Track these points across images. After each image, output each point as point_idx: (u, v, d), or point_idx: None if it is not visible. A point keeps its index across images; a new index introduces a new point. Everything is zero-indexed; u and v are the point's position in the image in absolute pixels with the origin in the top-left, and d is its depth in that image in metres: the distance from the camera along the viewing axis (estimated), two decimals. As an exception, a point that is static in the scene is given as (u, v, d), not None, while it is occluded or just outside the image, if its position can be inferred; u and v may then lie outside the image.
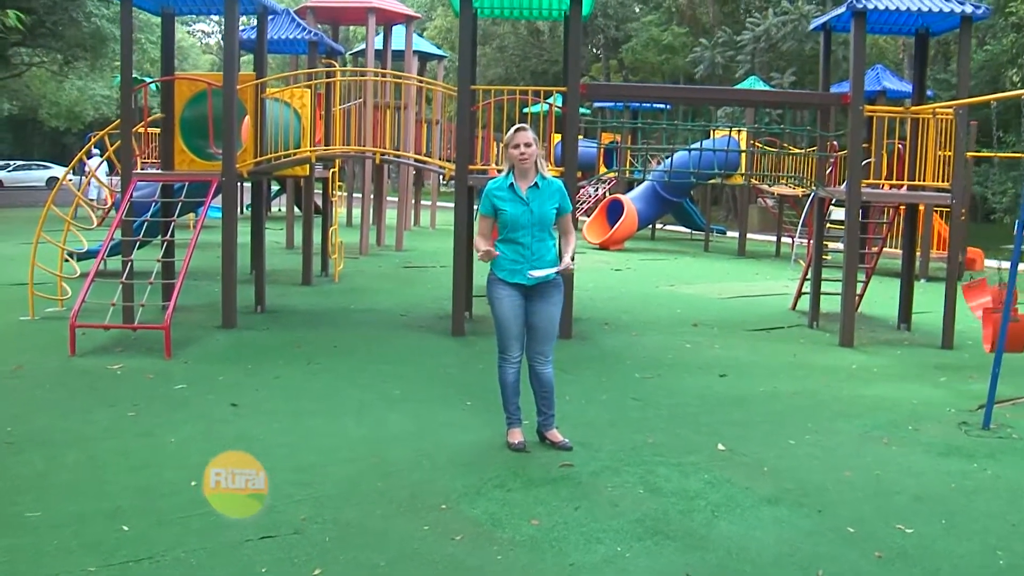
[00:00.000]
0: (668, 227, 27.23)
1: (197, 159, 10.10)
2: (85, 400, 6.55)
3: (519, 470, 5.24)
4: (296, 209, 18.43)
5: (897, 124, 9.84)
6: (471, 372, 7.81)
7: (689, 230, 25.21)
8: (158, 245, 9.78)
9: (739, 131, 19.01)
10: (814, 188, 10.76)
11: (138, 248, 9.85)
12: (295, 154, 10.09)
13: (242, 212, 27.86)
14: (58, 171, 37.20)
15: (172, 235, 9.97)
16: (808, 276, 11.39)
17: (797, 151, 17.32)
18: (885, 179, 10.37)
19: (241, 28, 14.14)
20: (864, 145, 10.86)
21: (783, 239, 21.71)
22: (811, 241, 11.86)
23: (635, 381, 7.68)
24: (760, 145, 18.99)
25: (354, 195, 26.28)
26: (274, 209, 28.29)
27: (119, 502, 4.60)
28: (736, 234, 23.78)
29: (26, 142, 50.89)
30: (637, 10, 35.04)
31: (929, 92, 21.08)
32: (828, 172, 10.70)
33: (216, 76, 9.64)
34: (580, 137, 9.92)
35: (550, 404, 5.70)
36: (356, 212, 23.18)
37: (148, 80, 10.39)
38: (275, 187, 26.32)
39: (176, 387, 6.94)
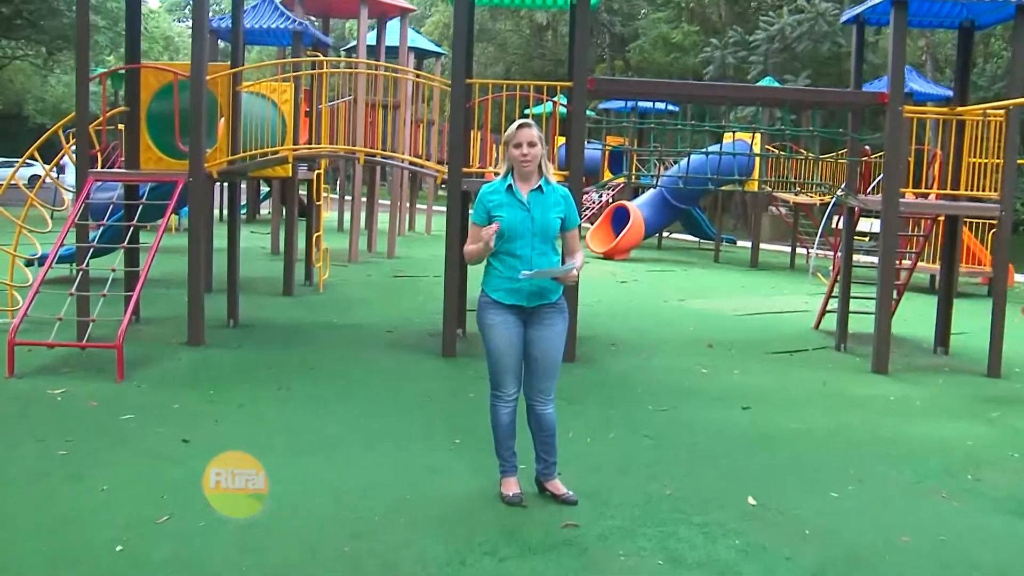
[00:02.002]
0: (674, 235, 26.47)
1: (165, 157, 9.36)
2: (12, 432, 5.77)
3: (514, 531, 4.47)
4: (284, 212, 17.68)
5: (940, 127, 9.10)
6: (461, 401, 7.05)
7: (697, 239, 24.51)
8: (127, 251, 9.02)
9: (753, 135, 18.30)
10: (838, 196, 10.03)
11: (97, 256, 9.11)
12: (272, 153, 9.32)
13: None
14: (41, 169, 36.42)
15: (137, 241, 9.23)
16: (834, 293, 10.64)
17: (811, 156, 16.59)
18: (916, 188, 9.68)
19: (220, 16, 13.45)
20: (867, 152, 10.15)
21: (798, 250, 20.98)
22: (836, 254, 11.12)
23: (647, 414, 6.91)
24: (773, 150, 18.25)
25: (346, 198, 25.56)
26: (264, 212, 27.59)
27: (20, 574, 3.83)
28: (747, 244, 23.06)
29: (11, 139, 50.12)
30: (644, 11, 34.30)
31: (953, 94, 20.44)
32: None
33: (187, 66, 8.87)
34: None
35: (551, 450, 4.93)
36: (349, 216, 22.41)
37: (107, 70, 9.60)
38: (265, 189, 25.61)
39: (122, 417, 6.16)
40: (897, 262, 9.73)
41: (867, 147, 9.91)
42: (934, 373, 8.84)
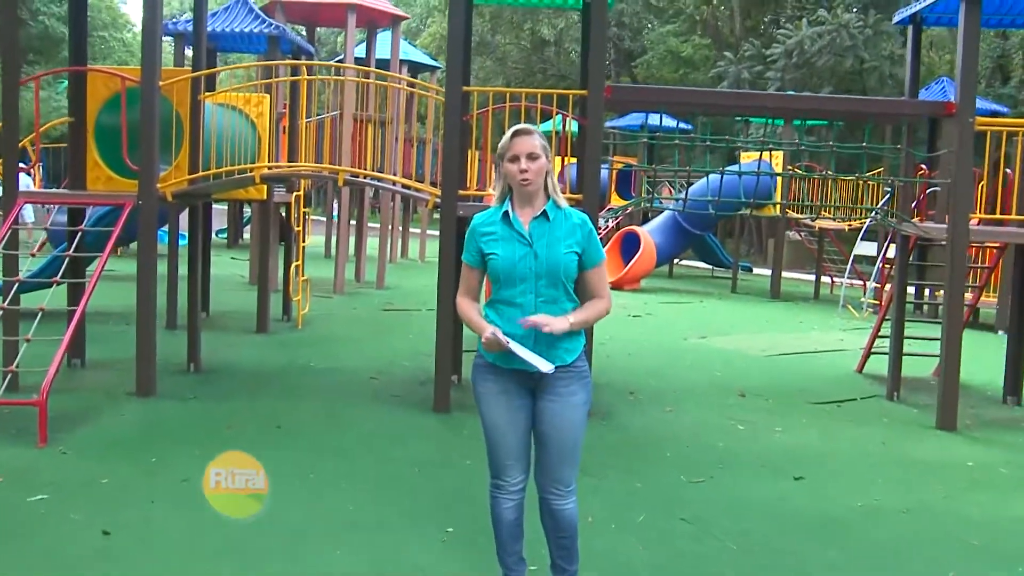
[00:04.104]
0: (684, 262, 25.47)
1: (116, 176, 8.38)
2: None
3: (524, 676, 3.43)
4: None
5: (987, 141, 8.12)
6: (455, 472, 5.99)
7: (711, 267, 23.53)
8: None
9: (773, 153, 17.34)
10: (885, 221, 9.08)
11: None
12: (237, 172, 8.32)
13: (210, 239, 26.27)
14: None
15: (81, 275, 8.22)
16: (881, 331, 9.64)
17: (831, 176, 15.63)
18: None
19: (188, 18, 12.49)
20: (922, 171, 9.23)
21: (823, 278, 19.99)
22: (884, 286, 10.14)
23: (681, 488, 5.86)
24: (796, 171, 17.29)
25: (334, 220, 24.62)
26: (247, 237, 26.64)
27: None
28: (765, 271, 22.09)
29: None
30: (651, 24, 33.50)
31: (1004, 108, 19.56)
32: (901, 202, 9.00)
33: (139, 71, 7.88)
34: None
35: (571, 556, 3.88)
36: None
37: (40, 73, 8.60)
38: (248, 212, 24.66)
39: (31, 498, 5.09)
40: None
41: (923, 165, 8.90)
42: (1012, 429, 7.80)
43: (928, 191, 9.31)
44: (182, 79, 7.96)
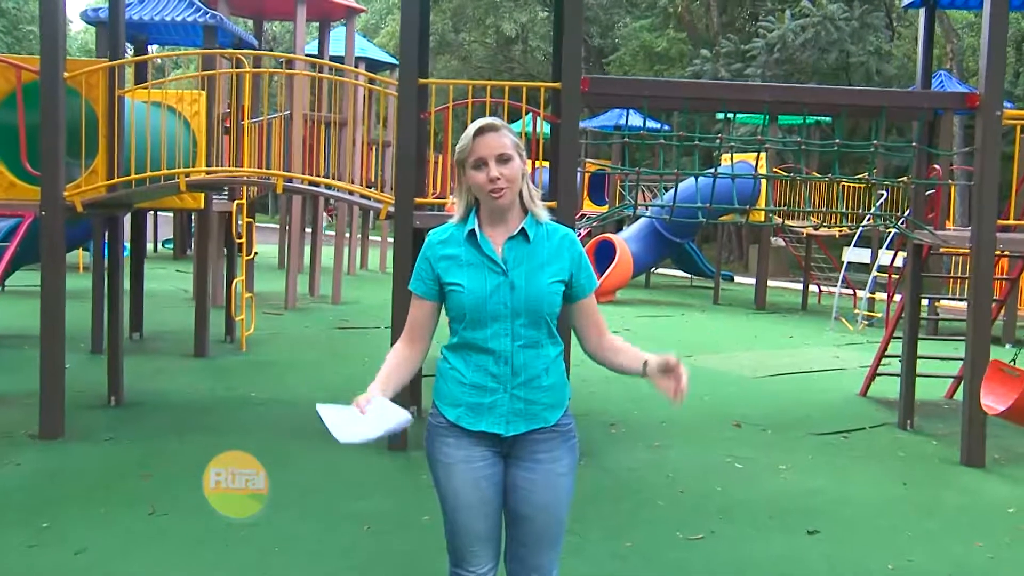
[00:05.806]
0: (661, 271, 24.78)
1: (20, 183, 7.52)
2: None
3: None
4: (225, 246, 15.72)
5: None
6: (412, 534, 5.19)
7: (690, 276, 22.91)
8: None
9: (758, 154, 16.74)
10: (865, 225, 8.42)
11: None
12: (163, 178, 7.51)
13: (156, 249, 25.39)
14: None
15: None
16: (888, 351, 8.98)
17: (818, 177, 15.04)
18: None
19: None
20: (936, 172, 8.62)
21: (810, 287, 19.37)
22: (890, 298, 9.48)
23: (678, 548, 5.10)
24: (779, 172, 16.70)
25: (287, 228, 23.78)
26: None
27: None
28: (747, 280, 21.50)
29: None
30: (623, 21, 32.92)
31: (1008, 103, 19.06)
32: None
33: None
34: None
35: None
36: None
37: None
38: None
39: None
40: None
41: (937, 166, 8.24)
42: (1047, 465, 7.14)
43: (926, 193, 8.71)
44: (92, 70, 7.11)
